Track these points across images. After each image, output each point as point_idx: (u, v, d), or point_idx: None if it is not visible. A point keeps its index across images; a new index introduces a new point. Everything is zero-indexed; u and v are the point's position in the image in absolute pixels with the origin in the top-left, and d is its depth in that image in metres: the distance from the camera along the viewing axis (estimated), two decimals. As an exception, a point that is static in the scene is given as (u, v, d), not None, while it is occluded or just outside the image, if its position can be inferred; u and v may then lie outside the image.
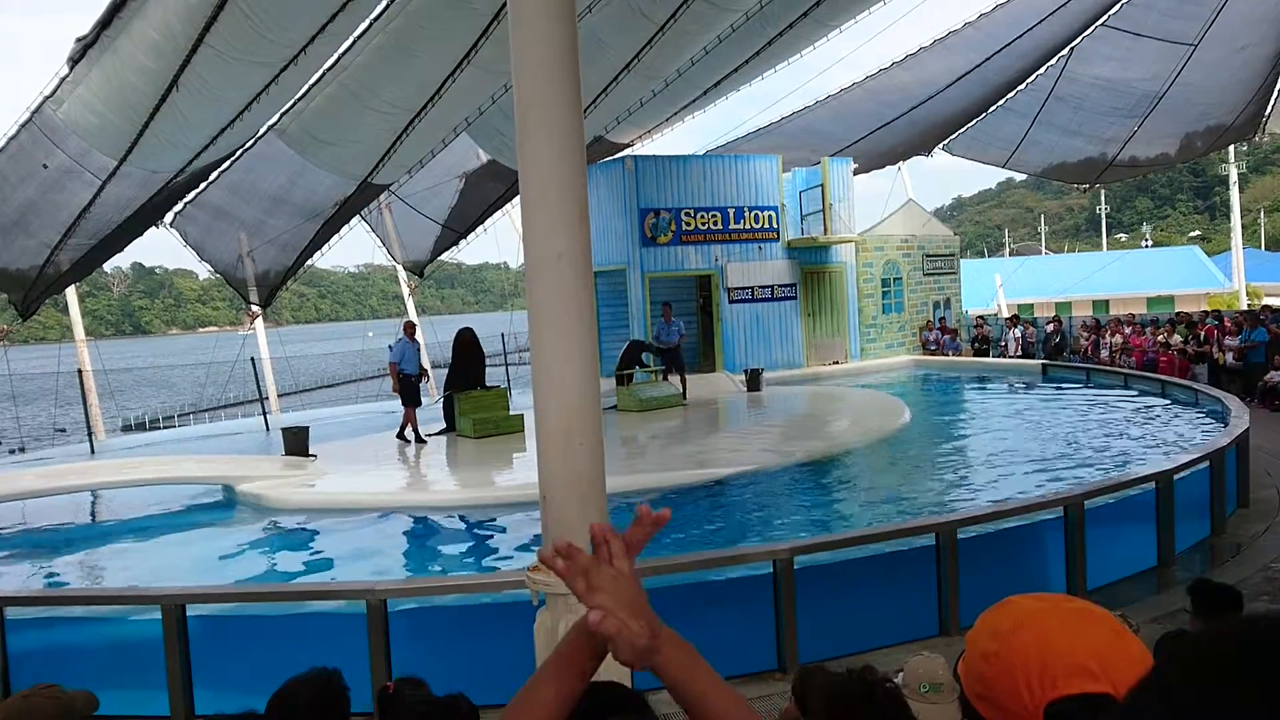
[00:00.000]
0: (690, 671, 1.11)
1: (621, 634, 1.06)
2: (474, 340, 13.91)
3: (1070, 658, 1.02)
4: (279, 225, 15.79)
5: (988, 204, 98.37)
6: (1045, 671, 1.01)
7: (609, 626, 1.05)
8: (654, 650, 1.09)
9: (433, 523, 9.24)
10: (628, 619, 1.07)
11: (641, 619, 1.08)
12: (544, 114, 3.13)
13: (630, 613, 1.07)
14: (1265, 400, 14.85)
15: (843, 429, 12.74)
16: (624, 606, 1.07)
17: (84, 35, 10.12)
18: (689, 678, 1.11)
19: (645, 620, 1.08)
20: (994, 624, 1.11)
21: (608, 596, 1.08)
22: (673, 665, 1.11)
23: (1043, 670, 1.02)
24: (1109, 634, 1.05)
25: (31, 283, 13.84)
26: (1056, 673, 1.01)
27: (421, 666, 4.66)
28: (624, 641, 1.07)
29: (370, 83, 12.53)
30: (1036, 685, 1.02)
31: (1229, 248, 33.64)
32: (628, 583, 1.10)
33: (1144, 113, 19.04)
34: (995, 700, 1.06)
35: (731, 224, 19.01)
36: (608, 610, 1.06)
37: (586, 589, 1.09)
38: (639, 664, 1.09)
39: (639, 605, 1.09)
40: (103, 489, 11.17)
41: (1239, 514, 8.50)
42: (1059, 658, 1.02)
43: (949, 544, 6.02)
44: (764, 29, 14.75)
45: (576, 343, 3.20)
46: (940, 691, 2.69)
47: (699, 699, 1.11)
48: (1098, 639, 1.04)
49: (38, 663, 5.47)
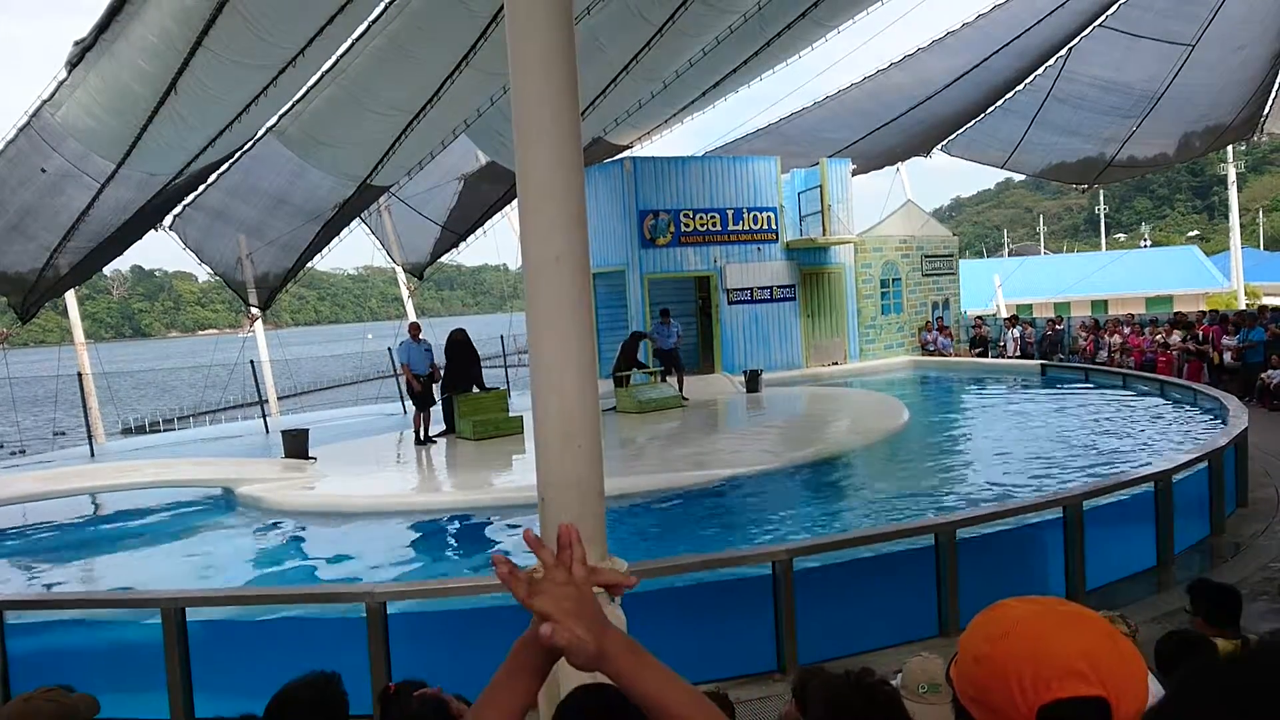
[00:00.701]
0: (638, 672, 1.12)
1: (572, 644, 1.09)
2: (465, 340, 13.93)
3: (1063, 661, 1.02)
4: (278, 227, 15.79)
5: (986, 204, 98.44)
6: (1038, 674, 1.02)
7: (560, 638, 1.09)
8: (599, 655, 1.11)
9: (432, 525, 9.23)
10: (574, 627, 1.09)
11: (585, 626, 1.10)
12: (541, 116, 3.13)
13: (574, 620, 1.10)
14: (1263, 400, 14.86)
15: (842, 430, 12.74)
16: (567, 614, 1.10)
17: (81, 39, 10.12)
18: (638, 679, 1.12)
19: (588, 626, 1.10)
20: (986, 627, 1.11)
21: (548, 601, 1.11)
22: (621, 668, 1.12)
23: (1035, 673, 1.02)
24: (1101, 637, 1.05)
25: (31, 286, 13.84)
26: (1049, 676, 1.01)
27: (421, 669, 4.66)
28: (575, 650, 1.10)
29: (369, 85, 12.54)
30: (1029, 688, 1.02)
31: (1227, 247, 33.64)
32: (572, 590, 1.13)
33: (1142, 113, 19.05)
34: (988, 703, 1.06)
35: (730, 225, 19.02)
36: (553, 618, 1.09)
37: (528, 595, 1.12)
38: (590, 668, 1.11)
39: (584, 611, 1.11)
40: (102, 492, 11.17)
41: (1238, 514, 8.51)
42: (1051, 661, 1.02)
43: (948, 545, 6.02)
44: (762, 30, 14.76)
45: (575, 344, 3.20)
46: (939, 692, 2.69)
47: (652, 699, 1.12)
48: (1090, 642, 1.04)
49: (38, 666, 5.47)
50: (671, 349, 16.24)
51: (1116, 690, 1.01)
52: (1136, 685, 1.03)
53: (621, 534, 7.96)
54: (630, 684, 1.12)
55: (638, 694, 1.12)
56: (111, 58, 10.21)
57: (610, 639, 1.12)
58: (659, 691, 1.12)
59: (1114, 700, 1.01)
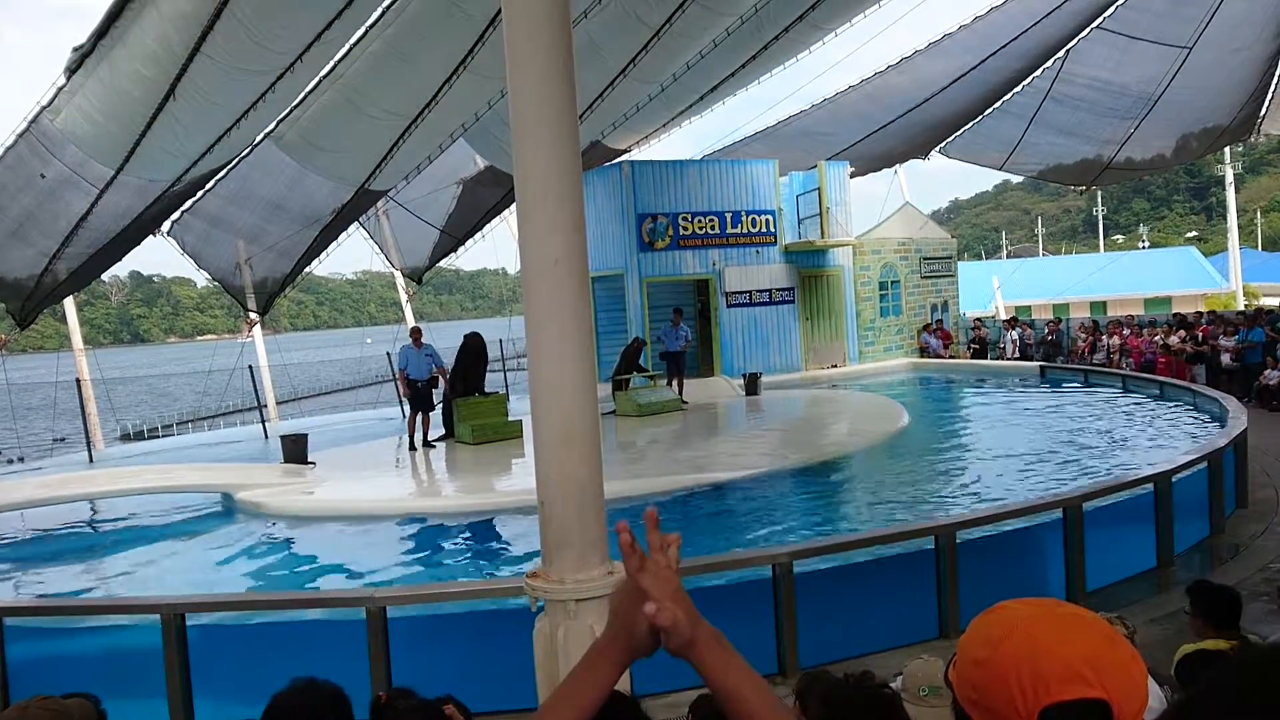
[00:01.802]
0: (724, 666, 1.15)
1: (675, 625, 1.12)
2: (476, 346, 13.94)
3: (1063, 663, 1.01)
4: (276, 232, 15.78)
5: (984, 206, 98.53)
6: (1038, 677, 1.02)
7: (663, 618, 1.12)
8: (691, 642, 1.14)
9: (432, 529, 9.22)
10: (675, 609, 1.13)
11: (684, 610, 1.14)
12: (539, 120, 3.13)
13: (675, 603, 1.14)
14: (1262, 400, 14.86)
15: (841, 433, 12.74)
16: (668, 596, 1.14)
17: (80, 45, 10.12)
18: (723, 672, 1.15)
19: (686, 611, 1.14)
20: (986, 630, 1.11)
21: (654, 581, 1.15)
22: (707, 659, 1.15)
23: (1035, 676, 1.02)
24: (1101, 639, 1.05)
25: (29, 292, 13.83)
26: (1050, 678, 1.01)
27: (421, 673, 4.65)
28: (675, 632, 1.13)
29: (366, 89, 12.54)
30: (1030, 691, 1.02)
31: (1226, 248, 33.71)
32: (674, 576, 1.17)
33: (1140, 114, 19.07)
34: (988, 706, 1.06)
35: (729, 228, 19.04)
36: (656, 599, 1.13)
37: (638, 568, 1.16)
38: (681, 655, 1.15)
39: (682, 597, 1.16)
40: (101, 498, 11.16)
41: (1238, 514, 8.51)
42: (1052, 663, 1.02)
43: (948, 546, 6.02)
44: (760, 33, 14.77)
45: (573, 348, 3.20)
46: (940, 695, 2.69)
47: (732, 693, 1.15)
48: (1091, 644, 1.04)
49: (37, 673, 5.46)
50: (679, 351, 16.25)
51: (1117, 692, 1.01)
52: (1137, 687, 1.03)
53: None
54: (714, 675, 1.15)
55: (719, 686, 1.15)
56: (111, 64, 10.21)
57: (703, 628, 1.16)
58: (738, 687, 1.15)
59: (1115, 702, 1.00)
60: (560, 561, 3.22)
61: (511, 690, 4.46)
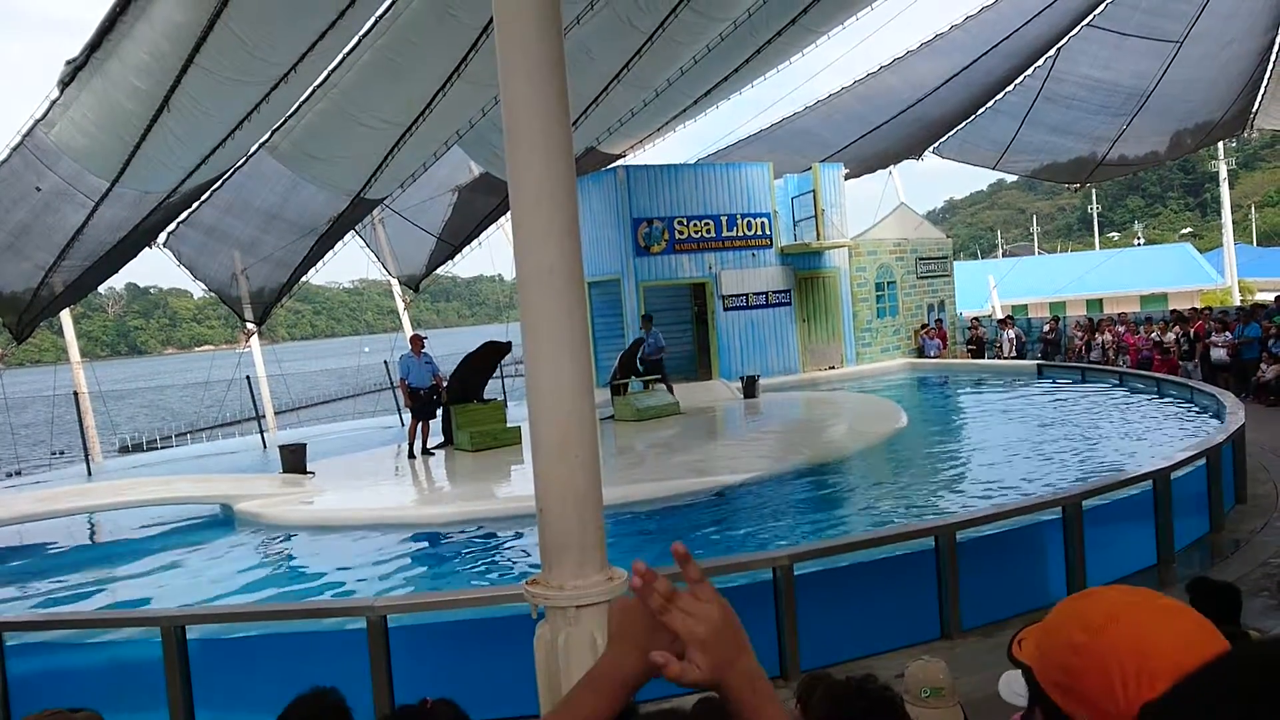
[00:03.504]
0: (752, 712, 1.10)
1: (682, 679, 1.07)
2: (487, 352, 13.96)
3: (1171, 656, 0.97)
4: (272, 242, 15.78)
5: (979, 206, 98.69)
6: (1144, 669, 0.98)
7: (669, 673, 1.07)
8: (714, 686, 1.09)
9: (431, 537, 9.22)
10: (694, 655, 1.07)
11: (711, 654, 1.07)
12: (532, 126, 3.14)
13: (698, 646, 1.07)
14: (1259, 396, 14.88)
15: (840, 434, 12.74)
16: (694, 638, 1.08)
17: (74, 58, 10.12)
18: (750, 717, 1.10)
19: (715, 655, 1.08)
20: (1084, 614, 1.07)
21: (681, 621, 1.08)
22: (733, 700, 1.10)
23: (1141, 668, 0.98)
24: (1204, 633, 1.01)
25: (26, 305, 13.81)
26: (1157, 671, 0.97)
27: (422, 682, 4.65)
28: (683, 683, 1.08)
29: (360, 98, 12.56)
30: (1133, 683, 0.98)
31: (1221, 244, 33.80)
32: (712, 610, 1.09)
33: (1132, 111, 19.12)
34: (1081, 693, 1.03)
35: (724, 232, 19.04)
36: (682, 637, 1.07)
37: (661, 607, 1.09)
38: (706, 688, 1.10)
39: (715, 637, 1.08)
40: (100, 511, 11.14)
41: (1237, 510, 8.51)
42: (1159, 656, 0.98)
43: (949, 547, 6.02)
44: (752, 37, 14.81)
45: (570, 354, 3.20)
46: (941, 696, 2.69)
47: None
48: (1194, 638, 1.00)
49: (38, 687, 5.45)
50: (656, 359, 16.03)
51: None
52: None
53: (622, 543, 7.95)
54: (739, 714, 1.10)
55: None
56: (104, 76, 10.22)
57: (737, 671, 1.09)
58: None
59: None
60: (560, 568, 3.22)
61: (512, 697, 4.46)
